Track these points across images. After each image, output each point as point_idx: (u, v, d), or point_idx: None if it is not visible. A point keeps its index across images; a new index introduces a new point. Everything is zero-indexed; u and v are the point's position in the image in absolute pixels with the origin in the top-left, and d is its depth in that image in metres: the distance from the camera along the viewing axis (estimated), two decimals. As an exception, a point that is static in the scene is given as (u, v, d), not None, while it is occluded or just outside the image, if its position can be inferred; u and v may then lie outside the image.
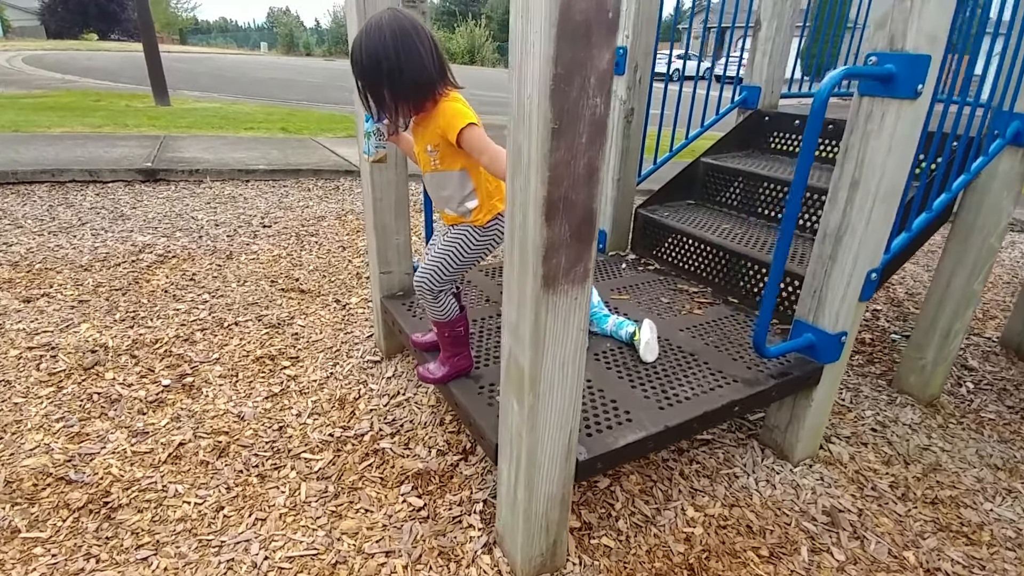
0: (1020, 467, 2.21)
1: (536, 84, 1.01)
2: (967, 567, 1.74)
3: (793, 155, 2.97)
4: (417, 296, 1.74)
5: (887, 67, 1.58)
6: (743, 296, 2.41)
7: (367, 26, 1.44)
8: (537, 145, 1.05)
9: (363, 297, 3.10)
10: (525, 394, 1.28)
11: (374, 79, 1.47)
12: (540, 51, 0.98)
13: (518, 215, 1.16)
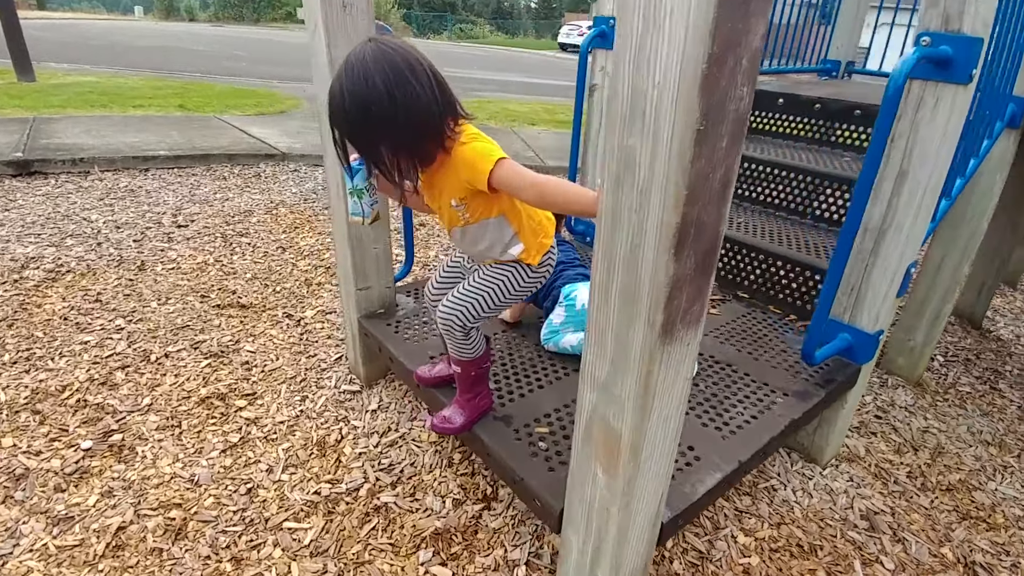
0: (1006, 441, 2.27)
1: (674, 68, 0.72)
2: (995, 555, 1.73)
3: (776, 135, 2.86)
4: (440, 330, 1.41)
5: (943, 49, 1.43)
6: (753, 291, 2.26)
7: (347, 66, 1.10)
8: (667, 154, 0.76)
9: (320, 309, 2.67)
10: (621, 465, 1.02)
11: (365, 133, 1.15)
12: (687, 20, 0.69)
13: (621, 247, 0.87)
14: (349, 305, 2.01)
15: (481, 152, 1.17)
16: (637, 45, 0.75)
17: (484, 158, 1.16)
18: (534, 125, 7.45)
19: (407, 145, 1.17)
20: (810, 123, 2.72)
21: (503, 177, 1.16)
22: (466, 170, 1.19)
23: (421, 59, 1.13)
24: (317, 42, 1.60)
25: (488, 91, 11.10)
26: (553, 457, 1.38)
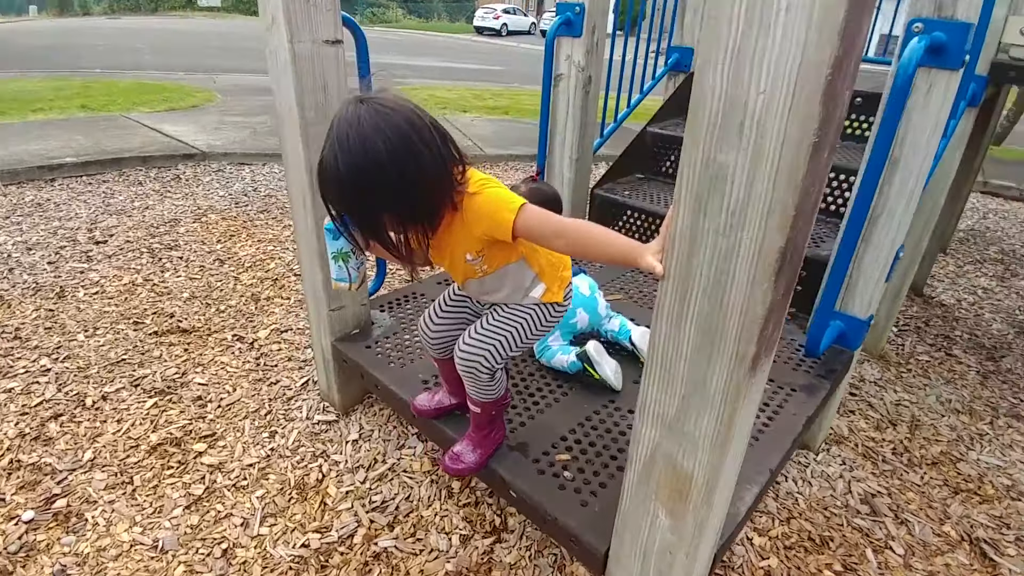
0: (975, 408, 2.39)
1: (788, 73, 0.62)
2: (996, 529, 1.79)
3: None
4: (462, 373, 1.25)
5: (936, 35, 1.42)
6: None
7: (339, 133, 0.93)
8: (772, 170, 0.66)
9: (273, 327, 2.42)
10: (691, 508, 0.92)
11: (367, 208, 0.99)
12: (810, 17, 0.59)
13: (701, 273, 0.77)
14: (320, 328, 1.80)
15: (498, 201, 1.03)
16: (735, 46, 0.64)
17: (503, 207, 1.02)
18: (466, 112, 7.24)
19: (417, 215, 1.01)
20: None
21: (528, 226, 1.02)
22: (484, 222, 1.04)
23: (420, 113, 0.97)
24: (276, 38, 1.38)
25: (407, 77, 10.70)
26: (582, 488, 1.28)
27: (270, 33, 1.39)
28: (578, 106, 2.31)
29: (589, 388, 1.62)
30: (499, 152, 5.33)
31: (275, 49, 1.40)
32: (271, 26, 1.38)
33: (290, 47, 1.36)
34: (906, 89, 1.34)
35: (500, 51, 19.87)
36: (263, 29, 1.41)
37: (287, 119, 1.48)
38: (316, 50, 1.41)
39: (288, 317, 2.49)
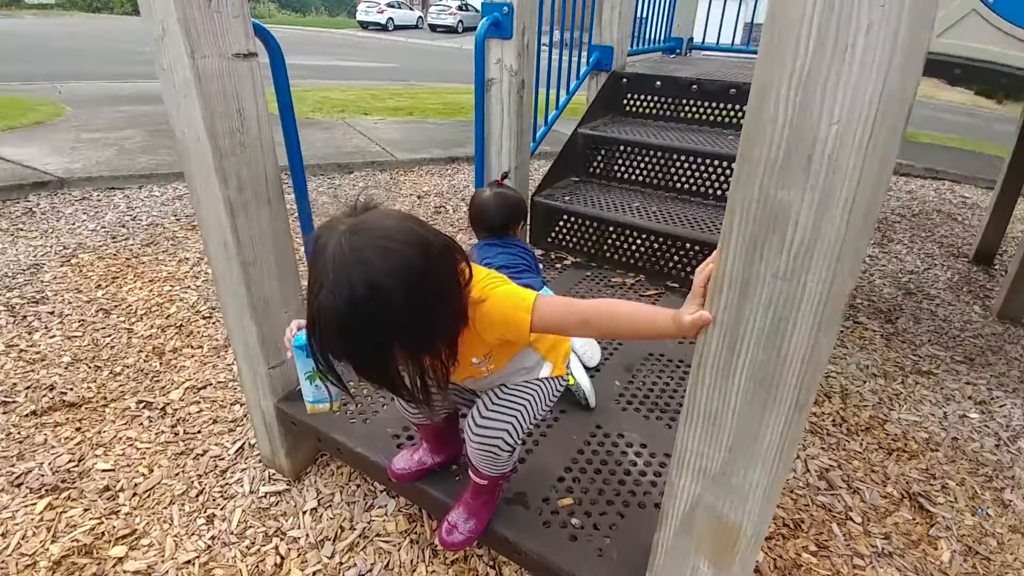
0: (887, 370, 2.61)
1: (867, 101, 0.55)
2: (926, 481, 1.95)
3: (656, 117, 2.88)
4: (478, 453, 1.09)
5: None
6: (682, 280, 2.26)
7: (337, 273, 0.75)
8: (844, 210, 0.59)
9: (188, 385, 2.10)
10: (737, 558, 0.86)
11: (376, 352, 0.82)
12: (895, 38, 0.52)
13: (755, 319, 0.69)
14: (257, 389, 1.56)
15: (510, 301, 0.92)
16: (804, 70, 0.56)
17: (518, 308, 0.91)
18: (367, 115, 6.88)
19: (438, 344, 0.88)
20: (689, 104, 2.78)
21: (546, 323, 0.91)
22: (498, 328, 0.93)
23: (422, 229, 0.83)
24: (171, 52, 1.13)
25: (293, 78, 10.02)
26: (594, 535, 1.19)
27: (162, 46, 1.14)
28: (514, 112, 2.19)
29: (571, 417, 1.53)
30: (412, 156, 5.09)
31: (170, 66, 1.15)
32: (162, 37, 1.13)
33: (192, 63, 1.12)
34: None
35: (389, 47, 19.21)
36: (152, 39, 1.15)
37: (193, 151, 1.23)
38: (226, 66, 1.18)
39: (204, 370, 2.17)
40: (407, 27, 27.26)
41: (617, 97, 2.93)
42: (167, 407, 1.98)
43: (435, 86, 10.43)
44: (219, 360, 2.24)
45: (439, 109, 7.53)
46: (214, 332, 2.41)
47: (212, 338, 2.37)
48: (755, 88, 0.60)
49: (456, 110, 7.49)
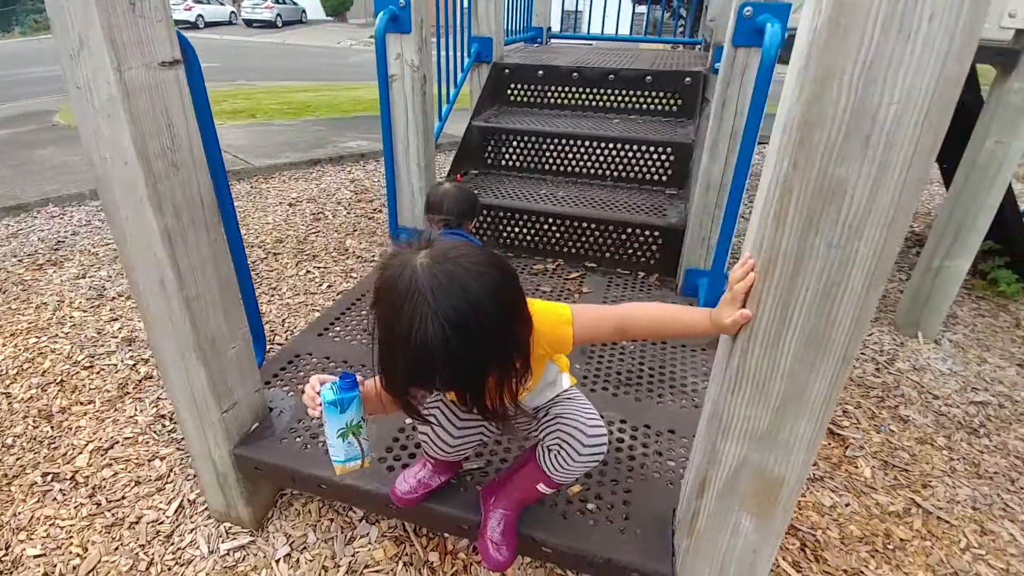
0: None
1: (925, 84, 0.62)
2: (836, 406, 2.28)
3: (542, 105, 2.95)
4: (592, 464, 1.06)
5: (763, 18, 1.63)
6: (599, 259, 2.36)
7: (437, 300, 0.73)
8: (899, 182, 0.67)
9: (93, 447, 1.77)
10: (780, 507, 0.94)
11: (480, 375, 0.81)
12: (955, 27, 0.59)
13: (807, 288, 0.75)
14: (207, 439, 1.35)
15: (551, 317, 0.94)
16: (869, 57, 0.61)
17: (560, 323, 0.94)
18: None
19: (523, 362, 0.87)
20: (572, 91, 2.88)
21: (586, 331, 0.95)
22: (543, 342, 0.93)
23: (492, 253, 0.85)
24: (90, 66, 0.93)
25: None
26: (613, 517, 1.21)
27: (78, 62, 0.93)
28: (419, 109, 2.11)
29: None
30: (270, 162, 4.65)
31: (87, 83, 0.94)
32: (79, 51, 0.92)
33: (118, 77, 0.93)
34: (771, 66, 1.50)
35: (203, 46, 17.26)
36: (64, 57, 0.94)
37: (119, 179, 1.02)
38: (153, 77, 0.99)
39: (103, 428, 1.84)
40: (219, 23, 24.91)
41: (501, 88, 2.95)
42: (76, 476, 1.66)
43: (269, 85, 9.69)
44: (117, 414, 1.91)
45: (283, 109, 7.00)
46: (101, 383, 2.05)
47: (101, 390, 2.02)
48: (816, 75, 0.64)
49: (302, 109, 7.03)
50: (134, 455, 1.75)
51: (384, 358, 0.81)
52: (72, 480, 1.65)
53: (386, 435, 1.43)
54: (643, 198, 2.44)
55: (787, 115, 0.71)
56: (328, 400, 0.90)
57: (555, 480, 1.10)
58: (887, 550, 1.63)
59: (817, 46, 0.64)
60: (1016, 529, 1.73)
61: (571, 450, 1.04)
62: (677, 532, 1.15)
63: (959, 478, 1.91)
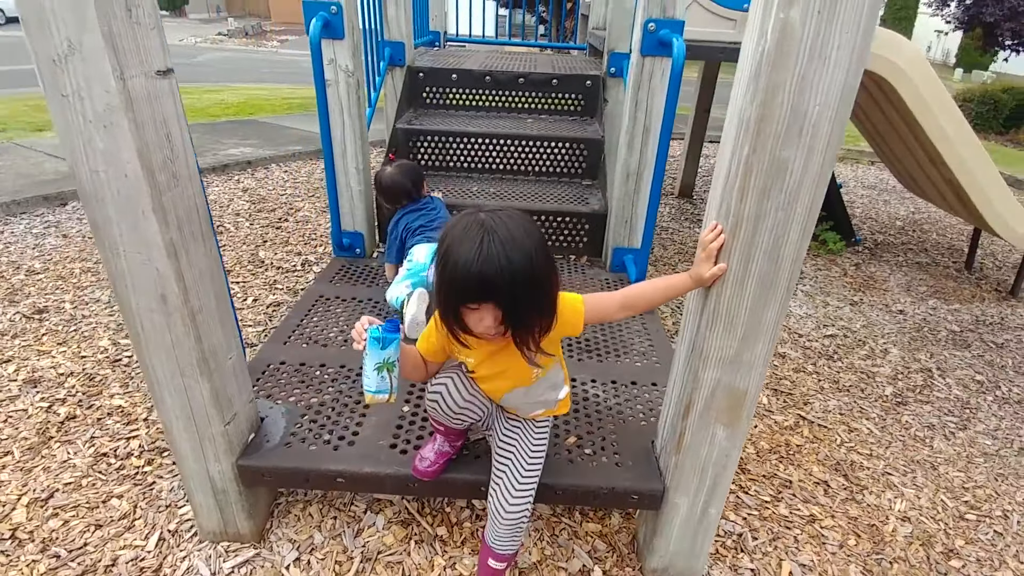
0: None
1: (836, 91, 0.90)
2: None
3: (457, 107, 3.09)
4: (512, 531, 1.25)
5: (664, 32, 1.95)
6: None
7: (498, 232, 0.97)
8: (820, 160, 0.95)
9: (30, 500, 1.60)
10: (744, 415, 1.22)
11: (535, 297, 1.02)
12: (852, 53, 0.87)
13: (762, 243, 1.02)
14: (205, 456, 1.34)
15: (569, 302, 1.15)
16: (800, 73, 0.88)
17: (573, 307, 1.15)
18: (41, 131, 5.41)
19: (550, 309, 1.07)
20: (484, 94, 3.06)
21: (595, 314, 1.18)
22: (561, 324, 1.11)
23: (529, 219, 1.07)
24: (83, 73, 0.91)
25: None
26: (608, 456, 1.44)
27: (66, 68, 0.91)
28: (355, 114, 2.16)
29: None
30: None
31: (78, 91, 0.92)
32: (67, 56, 0.90)
33: (121, 86, 0.93)
34: (680, 74, 1.81)
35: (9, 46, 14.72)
36: (42, 60, 0.91)
37: (117, 193, 1.01)
38: (152, 86, 1.00)
39: (33, 477, 1.67)
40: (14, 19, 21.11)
41: (416, 91, 3.06)
42: (17, 532, 1.50)
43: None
44: (45, 461, 1.74)
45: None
46: (14, 431, 1.84)
47: (16, 439, 1.81)
48: (766, 86, 0.90)
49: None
50: (83, 500, 1.62)
51: (446, 288, 1.00)
52: (13, 538, 1.49)
53: (390, 423, 1.51)
54: (565, 190, 2.70)
55: (741, 114, 0.97)
56: (374, 335, 1.02)
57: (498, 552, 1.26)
58: (789, 455, 2.05)
59: (766, 66, 0.89)
60: (871, 424, 2.26)
61: (498, 516, 1.23)
62: (662, 455, 1.40)
63: (827, 394, 2.42)
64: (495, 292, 0.97)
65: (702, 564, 1.49)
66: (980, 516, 1.82)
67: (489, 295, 0.98)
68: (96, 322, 2.43)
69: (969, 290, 3.48)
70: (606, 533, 1.62)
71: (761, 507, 1.81)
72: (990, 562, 1.66)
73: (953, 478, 1.98)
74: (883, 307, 3.27)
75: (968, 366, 2.67)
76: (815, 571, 1.60)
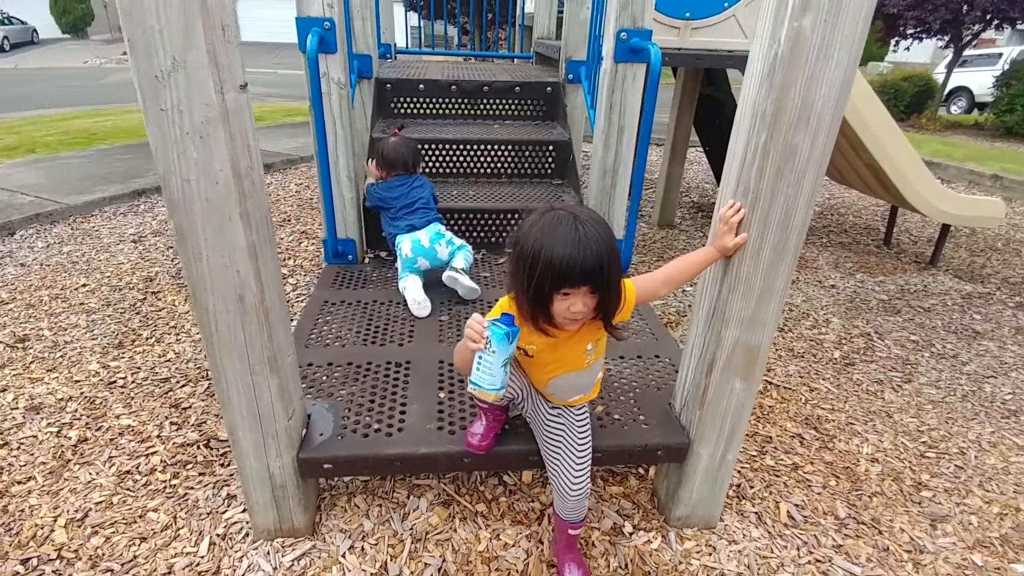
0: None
1: (836, 85, 1.11)
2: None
3: (426, 116, 3.19)
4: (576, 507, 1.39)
5: (634, 41, 2.17)
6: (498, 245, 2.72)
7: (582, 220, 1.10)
8: (823, 143, 1.16)
9: (67, 520, 1.56)
10: (757, 368, 1.42)
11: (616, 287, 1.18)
12: (851, 53, 1.09)
13: (776, 216, 1.22)
14: (267, 453, 1.38)
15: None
16: (810, 72, 1.08)
17: (629, 290, 1.26)
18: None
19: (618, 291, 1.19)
20: (451, 102, 3.18)
21: (644, 295, 1.32)
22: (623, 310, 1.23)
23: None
24: (184, 88, 0.97)
25: None
26: (636, 418, 1.60)
27: (168, 83, 0.97)
28: (346, 125, 2.22)
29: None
30: (85, 199, 4.03)
31: (177, 105, 0.99)
32: (170, 73, 0.96)
33: (220, 99, 1.00)
34: (658, 76, 2.02)
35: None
36: (144, 78, 0.96)
37: (205, 199, 1.06)
38: (237, 99, 1.07)
39: (62, 499, 1.63)
40: None
41: (384, 102, 3.13)
42: (63, 552, 1.48)
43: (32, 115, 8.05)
44: (70, 483, 1.71)
45: (64, 141, 5.95)
46: (30, 458, 1.79)
47: (35, 464, 1.75)
48: (781, 83, 1.09)
49: (89, 138, 6.06)
50: (118, 516, 1.61)
51: (540, 276, 1.08)
52: (60, 558, 1.47)
53: (432, 410, 1.60)
54: (539, 189, 2.86)
55: (755, 107, 1.17)
56: (502, 332, 1.11)
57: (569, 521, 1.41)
58: (764, 415, 2.30)
59: (781, 67, 1.09)
60: (828, 383, 2.56)
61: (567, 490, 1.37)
62: (683, 413, 1.58)
63: (785, 360, 2.71)
64: (593, 276, 1.08)
65: (719, 510, 1.68)
66: (939, 454, 2.13)
67: (587, 279, 1.08)
68: (80, 346, 2.35)
69: (891, 263, 3.95)
70: (628, 494, 1.79)
71: (751, 461, 2.03)
72: (957, 491, 1.95)
73: (908, 423, 2.29)
74: (817, 283, 3.65)
75: (902, 328, 3.06)
76: (807, 508, 1.83)
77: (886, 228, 4.29)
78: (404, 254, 2.21)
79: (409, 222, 2.24)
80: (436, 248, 2.24)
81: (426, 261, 2.23)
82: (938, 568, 1.62)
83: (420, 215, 2.25)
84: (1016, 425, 2.30)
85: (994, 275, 3.82)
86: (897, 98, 9.91)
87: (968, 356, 2.81)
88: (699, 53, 2.86)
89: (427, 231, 2.25)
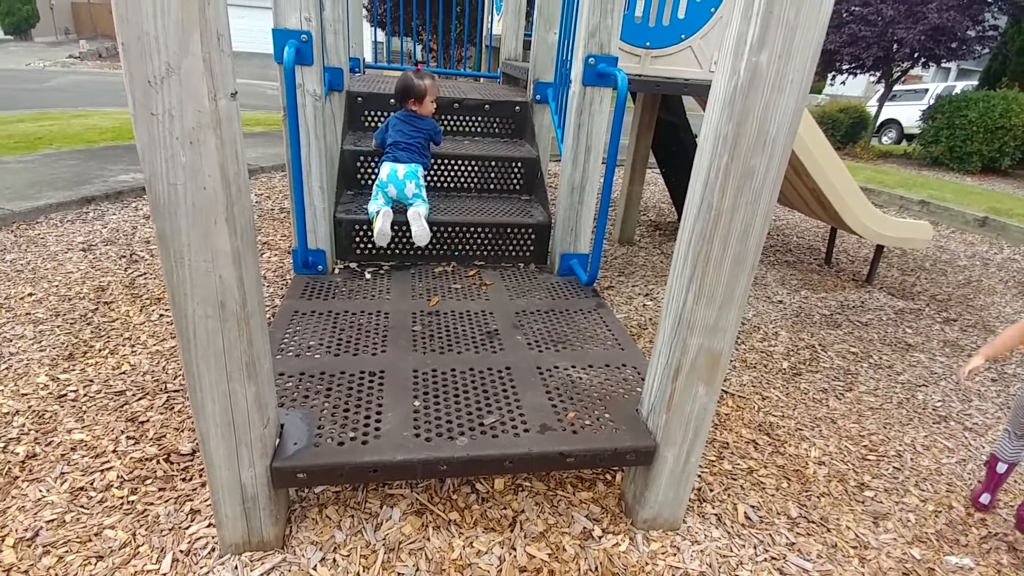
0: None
1: (789, 114, 1.23)
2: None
3: (395, 128, 3.22)
4: None
5: (602, 66, 2.28)
6: (486, 256, 2.77)
7: None
8: (777, 165, 1.27)
9: (15, 540, 1.48)
10: (719, 373, 1.51)
11: None
12: (801, 86, 1.20)
13: (736, 230, 1.32)
14: (244, 460, 1.36)
15: None
16: (765, 102, 1.19)
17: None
18: None
19: None
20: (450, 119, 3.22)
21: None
22: None
23: None
24: (176, 94, 0.99)
25: None
26: (605, 424, 1.66)
27: (161, 88, 0.98)
28: (320, 136, 2.23)
29: (518, 369, 1.91)
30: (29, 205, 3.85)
31: (169, 110, 1.00)
32: (163, 78, 0.98)
33: (213, 106, 1.02)
34: (625, 99, 2.12)
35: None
36: (136, 82, 0.97)
37: (192, 204, 1.07)
38: (228, 107, 1.08)
39: (9, 518, 1.55)
40: None
41: (355, 115, 3.14)
42: (11, 573, 1.39)
43: None
44: (17, 501, 1.62)
45: (9, 144, 5.65)
46: None
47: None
48: (741, 110, 1.20)
49: (33, 143, 5.77)
50: (72, 535, 1.54)
51: None
52: (11, 581, 1.40)
53: (407, 418, 1.61)
54: (508, 204, 2.92)
55: (718, 132, 1.27)
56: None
57: None
58: (721, 423, 2.41)
59: (740, 96, 1.19)
60: (778, 392, 2.70)
61: None
62: (650, 417, 1.65)
63: (740, 371, 2.85)
64: None
65: (682, 511, 1.76)
66: (879, 456, 2.29)
67: None
68: (27, 359, 2.23)
69: (832, 280, 4.22)
70: (597, 499, 1.85)
71: (710, 465, 2.13)
72: (896, 491, 2.09)
73: (850, 428, 2.45)
74: (766, 299, 3.85)
75: (842, 341, 3.27)
76: (763, 509, 1.93)
77: (827, 248, 4.57)
78: (380, 178, 2.55)
79: (394, 154, 2.57)
80: (406, 183, 2.54)
81: (395, 190, 2.55)
82: (881, 562, 1.74)
83: (405, 153, 2.58)
84: (946, 429, 2.49)
85: (923, 292, 4.13)
86: (835, 128, 10.59)
87: (902, 367, 3.02)
88: (659, 80, 3.01)
89: (406, 166, 2.56)
